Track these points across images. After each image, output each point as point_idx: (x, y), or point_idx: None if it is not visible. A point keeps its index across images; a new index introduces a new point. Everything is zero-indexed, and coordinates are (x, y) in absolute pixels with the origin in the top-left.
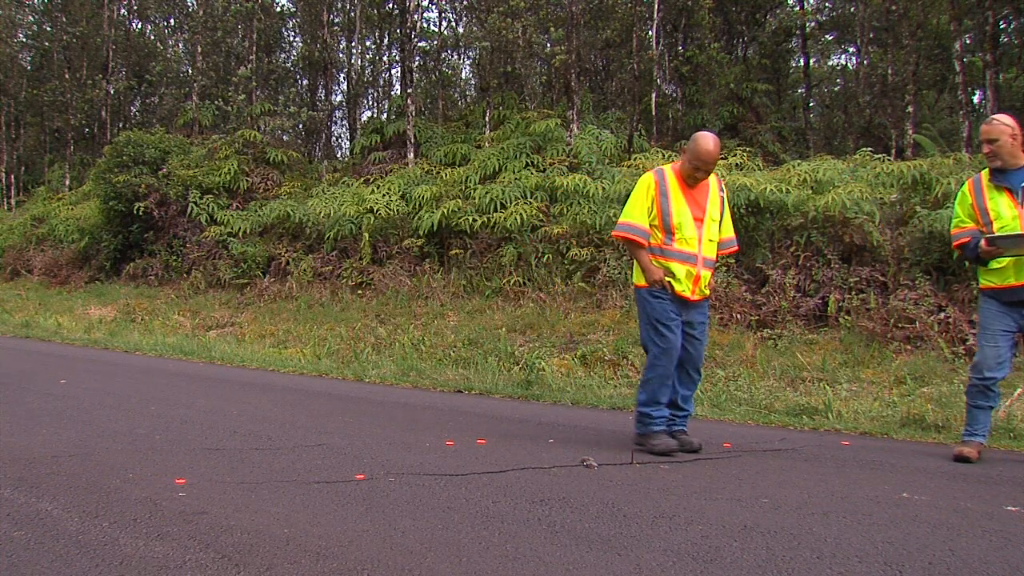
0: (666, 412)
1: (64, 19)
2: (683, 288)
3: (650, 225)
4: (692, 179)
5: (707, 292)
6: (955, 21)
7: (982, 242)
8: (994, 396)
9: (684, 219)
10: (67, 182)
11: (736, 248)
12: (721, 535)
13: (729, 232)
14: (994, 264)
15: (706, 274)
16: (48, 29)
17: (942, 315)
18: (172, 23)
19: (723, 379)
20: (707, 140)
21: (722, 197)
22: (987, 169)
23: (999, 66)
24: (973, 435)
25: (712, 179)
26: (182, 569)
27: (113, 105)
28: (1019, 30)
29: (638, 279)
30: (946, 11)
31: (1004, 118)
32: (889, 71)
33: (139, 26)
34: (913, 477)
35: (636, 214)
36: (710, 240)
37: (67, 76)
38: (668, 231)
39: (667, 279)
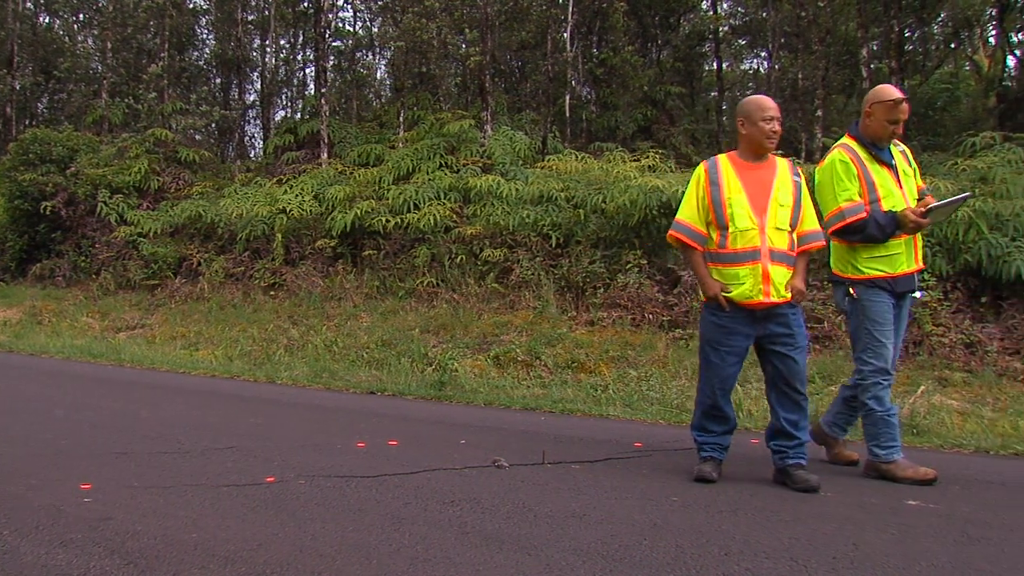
0: (717, 440)
1: None
2: (749, 291)
3: (706, 225)
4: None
5: (787, 295)
6: (862, 28)
7: (909, 214)
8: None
9: (738, 208)
10: None
11: (823, 243)
12: (631, 534)
13: (812, 224)
14: (882, 250)
15: (780, 270)
16: None
17: None
18: (81, 18)
19: (635, 379)
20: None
21: (796, 183)
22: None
23: (904, 72)
24: (895, 447)
25: (784, 162)
26: None
27: (18, 101)
28: (923, 38)
29: (702, 292)
30: (854, 19)
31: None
32: (799, 76)
33: (47, 20)
34: (820, 473)
35: (687, 211)
36: (778, 228)
37: None
38: (723, 227)
39: (723, 295)
